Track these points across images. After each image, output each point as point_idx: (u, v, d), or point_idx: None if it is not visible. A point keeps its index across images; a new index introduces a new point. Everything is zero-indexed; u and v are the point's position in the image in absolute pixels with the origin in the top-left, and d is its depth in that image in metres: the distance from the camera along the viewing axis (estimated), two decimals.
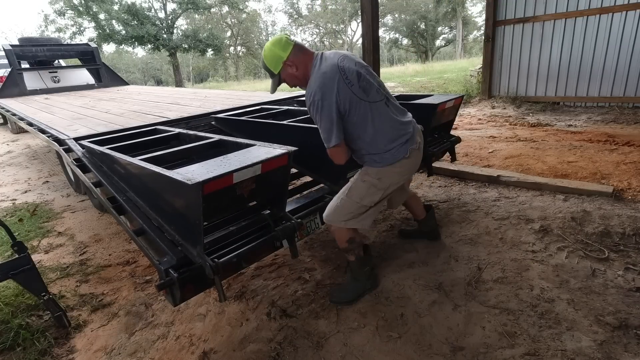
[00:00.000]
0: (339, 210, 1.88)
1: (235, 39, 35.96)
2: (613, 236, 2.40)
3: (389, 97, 1.86)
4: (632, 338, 1.65)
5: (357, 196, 1.85)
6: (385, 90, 1.85)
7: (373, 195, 1.84)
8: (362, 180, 1.85)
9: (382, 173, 1.81)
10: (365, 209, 1.87)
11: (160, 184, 1.52)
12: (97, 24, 19.85)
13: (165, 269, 1.43)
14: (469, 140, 4.83)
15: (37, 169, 5.64)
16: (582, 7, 5.73)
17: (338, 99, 1.65)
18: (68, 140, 2.60)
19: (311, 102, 1.67)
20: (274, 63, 1.74)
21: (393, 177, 1.84)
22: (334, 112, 1.64)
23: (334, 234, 1.98)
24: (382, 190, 1.84)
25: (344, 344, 1.78)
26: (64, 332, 2.05)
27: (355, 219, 1.89)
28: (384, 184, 1.83)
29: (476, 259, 2.33)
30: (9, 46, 7.13)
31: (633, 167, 3.41)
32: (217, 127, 3.05)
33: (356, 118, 1.71)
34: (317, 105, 1.65)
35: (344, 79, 1.67)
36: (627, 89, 5.62)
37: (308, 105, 1.71)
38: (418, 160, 1.92)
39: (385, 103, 1.80)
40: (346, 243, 1.96)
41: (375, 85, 1.78)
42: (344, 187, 1.92)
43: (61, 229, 3.42)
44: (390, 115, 1.79)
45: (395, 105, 1.87)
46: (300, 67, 1.73)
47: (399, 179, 1.87)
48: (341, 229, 1.92)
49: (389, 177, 1.83)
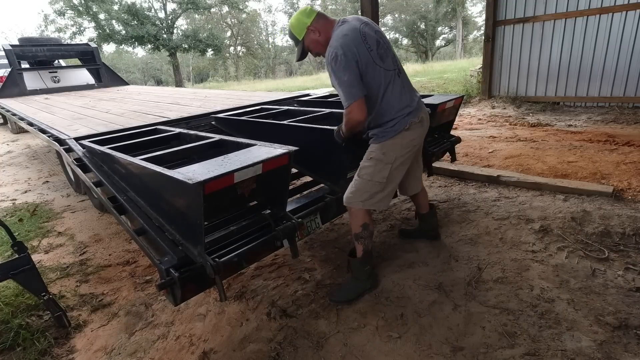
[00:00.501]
0: (356, 192, 1.95)
1: (235, 39, 35.96)
2: (613, 236, 2.40)
3: (401, 70, 1.93)
4: (632, 338, 1.65)
5: (367, 174, 1.92)
6: (398, 62, 1.93)
7: (382, 171, 1.90)
8: (368, 158, 1.93)
9: (385, 147, 1.89)
10: (380, 186, 1.93)
11: (161, 183, 1.53)
12: (97, 24, 19.85)
13: (166, 268, 1.43)
14: (469, 140, 4.84)
15: (37, 169, 5.64)
16: (582, 7, 5.73)
17: (358, 58, 1.71)
18: (68, 140, 2.60)
19: (333, 57, 1.71)
20: (299, 29, 1.85)
21: (396, 149, 1.90)
22: (355, 67, 1.70)
23: (351, 217, 2.02)
24: (390, 165, 1.90)
25: (344, 344, 1.78)
26: (64, 332, 2.05)
27: (373, 199, 1.95)
28: (389, 158, 1.89)
29: (476, 259, 2.33)
30: (9, 46, 7.13)
31: (633, 167, 3.41)
32: (218, 127, 3.05)
33: (371, 81, 1.78)
34: (339, 59, 1.69)
35: (364, 42, 1.74)
36: (627, 89, 5.62)
37: (329, 61, 1.74)
38: (420, 134, 1.98)
39: (397, 74, 1.88)
40: (360, 227, 2.00)
41: (391, 54, 1.87)
42: (356, 172, 1.99)
43: (61, 229, 3.42)
44: (400, 85, 1.88)
45: (405, 78, 1.95)
46: (322, 32, 1.82)
47: (402, 151, 1.92)
48: (359, 211, 1.97)
49: (392, 151, 1.89)
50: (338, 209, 2.14)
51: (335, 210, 2.14)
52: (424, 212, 2.50)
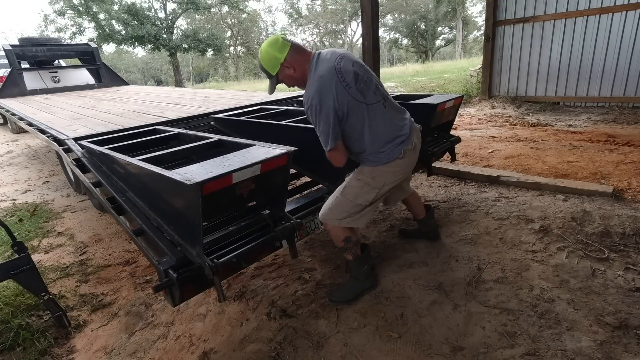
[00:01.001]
0: (334, 209, 1.89)
1: (235, 39, 35.96)
2: (613, 236, 2.40)
3: (386, 98, 1.85)
4: (632, 338, 1.64)
5: (351, 195, 1.86)
6: (383, 90, 1.85)
7: (367, 194, 1.85)
8: (356, 179, 1.86)
9: (375, 172, 1.82)
10: (360, 207, 1.87)
11: (159, 184, 1.52)
12: (97, 24, 19.85)
13: (165, 269, 1.43)
14: (469, 140, 4.83)
15: (37, 169, 5.64)
16: (582, 7, 5.73)
17: (336, 103, 1.65)
18: (68, 140, 2.60)
19: (309, 106, 1.67)
20: (271, 65, 1.72)
21: (387, 176, 1.84)
22: (332, 116, 1.65)
23: (330, 232, 1.98)
24: (377, 189, 1.84)
25: (344, 344, 1.78)
26: (64, 332, 2.05)
27: (350, 218, 1.89)
28: (378, 183, 1.84)
29: (476, 259, 2.33)
30: (9, 46, 7.13)
31: (633, 167, 3.41)
32: (217, 127, 3.05)
33: (354, 120, 1.72)
34: (314, 109, 1.65)
35: (342, 81, 1.67)
36: (627, 89, 5.61)
37: (306, 109, 1.71)
38: (413, 160, 1.92)
39: (383, 104, 1.80)
40: (342, 242, 1.96)
41: (372, 86, 1.78)
42: (340, 186, 1.93)
43: (61, 229, 3.42)
44: (386, 116, 1.80)
45: (393, 105, 1.87)
46: (297, 68, 1.72)
47: (392, 178, 1.87)
48: (336, 227, 1.92)
49: (382, 177, 1.83)
50: None
51: None
52: (421, 217, 2.48)
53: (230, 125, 2.91)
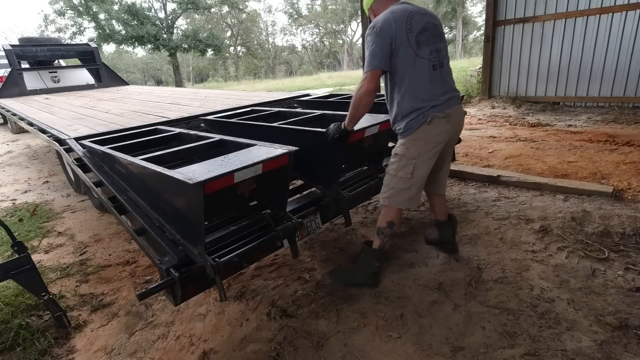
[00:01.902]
0: (386, 188, 2.02)
1: (235, 39, 35.97)
2: (613, 236, 2.40)
3: (443, 65, 1.91)
4: (632, 338, 1.65)
5: (393, 170, 1.98)
6: (442, 58, 1.91)
7: (406, 167, 1.93)
8: (394, 154, 1.98)
9: (408, 142, 1.91)
10: (405, 182, 1.94)
11: (161, 183, 1.53)
12: (97, 24, 19.86)
13: (167, 268, 1.43)
14: (469, 140, 4.84)
15: (37, 169, 5.64)
16: (582, 7, 5.73)
17: (394, 34, 1.77)
18: (69, 140, 2.60)
19: (371, 26, 1.80)
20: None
21: (419, 144, 1.89)
22: (387, 42, 1.76)
23: (383, 211, 2.06)
24: (413, 160, 1.91)
25: (344, 344, 1.78)
26: (64, 332, 2.05)
27: (397, 197, 1.98)
28: (412, 153, 1.90)
29: (476, 259, 2.33)
30: (9, 46, 7.13)
31: (633, 167, 3.41)
32: (208, 129, 2.97)
33: (400, 61, 1.81)
34: (375, 29, 1.78)
35: (407, 23, 1.78)
36: (627, 89, 5.62)
37: (368, 30, 1.83)
38: (445, 131, 1.91)
39: (434, 66, 1.85)
40: (385, 223, 2.03)
41: (433, 47, 1.85)
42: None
43: (61, 229, 3.42)
44: (429, 77, 1.85)
45: (444, 75, 1.92)
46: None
47: (425, 147, 1.90)
48: (390, 208, 2.02)
49: (415, 146, 1.90)
50: (338, 209, 2.13)
51: (335, 210, 2.14)
52: (441, 219, 2.35)
53: (220, 127, 2.81)
